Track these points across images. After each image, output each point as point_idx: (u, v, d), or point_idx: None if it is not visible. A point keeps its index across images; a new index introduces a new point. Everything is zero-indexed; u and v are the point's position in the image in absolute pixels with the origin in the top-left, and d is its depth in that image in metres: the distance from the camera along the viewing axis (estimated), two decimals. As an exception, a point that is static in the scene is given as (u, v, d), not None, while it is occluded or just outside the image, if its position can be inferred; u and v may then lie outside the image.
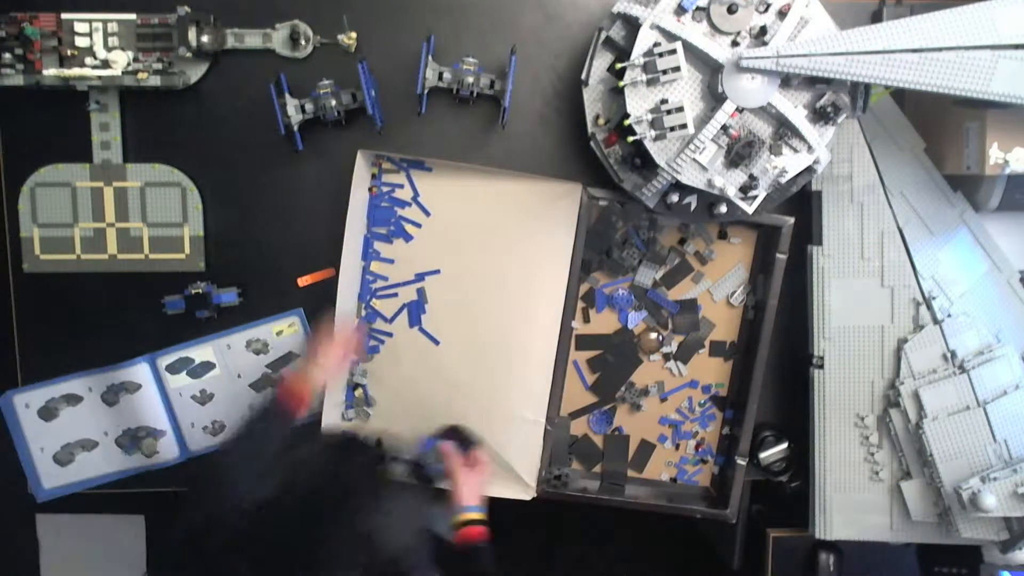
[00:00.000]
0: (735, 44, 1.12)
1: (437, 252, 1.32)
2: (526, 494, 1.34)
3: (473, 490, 1.14)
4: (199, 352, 1.35)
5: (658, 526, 2.12)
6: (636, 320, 1.37)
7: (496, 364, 1.32)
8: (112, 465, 1.38)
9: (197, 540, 0.87)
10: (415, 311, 1.32)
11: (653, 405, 1.40)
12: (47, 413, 1.36)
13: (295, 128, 1.26)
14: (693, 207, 1.22)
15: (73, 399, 1.36)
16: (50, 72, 1.24)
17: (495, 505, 1.37)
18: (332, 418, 1.34)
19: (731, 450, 1.37)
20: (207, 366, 1.35)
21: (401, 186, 1.32)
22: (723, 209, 1.20)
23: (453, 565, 1.09)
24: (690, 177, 1.14)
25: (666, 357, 1.38)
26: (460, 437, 1.22)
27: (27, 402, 1.35)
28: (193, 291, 1.31)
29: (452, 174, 1.30)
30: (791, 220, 1.28)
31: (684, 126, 1.10)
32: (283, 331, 1.36)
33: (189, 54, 1.25)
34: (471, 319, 1.32)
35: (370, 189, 1.32)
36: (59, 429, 1.36)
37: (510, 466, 1.33)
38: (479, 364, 1.32)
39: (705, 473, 1.42)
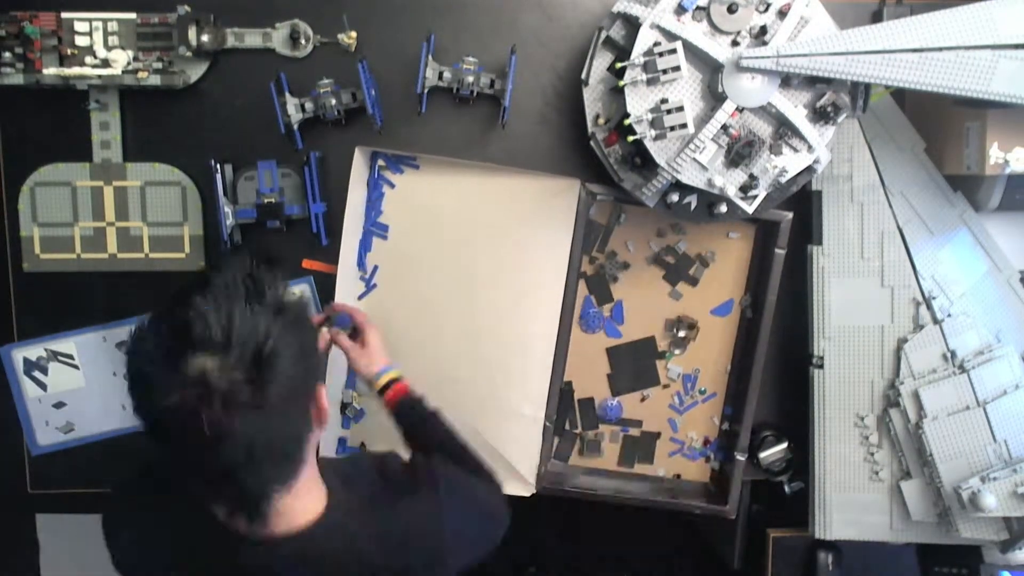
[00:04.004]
0: (735, 44, 1.12)
1: (434, 248, 1.32)
2: (525, 490, 1.34)
3: (375, 356, 1.18)
4: None
5: (658, 525, 2.12)
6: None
7: (495, 360, 1.32)
8: (111, 423, 1.38)
9: None
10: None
11: (658, 396, 1.41)
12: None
13: (295, 127, 1.26)
14: (693, 207, 1.22)
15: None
16: (50, 71, 1.24)
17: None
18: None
19: (730, 446, 1.37)
20: None
21: (393, 186, 1.32)
22: (723, 209, 1.20)
23: (411, 432, 1.12)
24: (690, 177, 1.14)
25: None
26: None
27: (25, 356, 1.35)
28: (265, 200, 1.28)
29: (449, 170, 1.30)
30: (789, 215, 1.28)
31: (684, 126, 1.10)
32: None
33: (189, 53, 1.25)
34: (469, 315, 1.32)
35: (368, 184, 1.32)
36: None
37: (508, 462, 1.33)
38: (477, 360, 1.32)
39: (704, 469, 1.42)
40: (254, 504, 0.79)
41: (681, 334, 1.37)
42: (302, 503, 0.84)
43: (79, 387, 1.36)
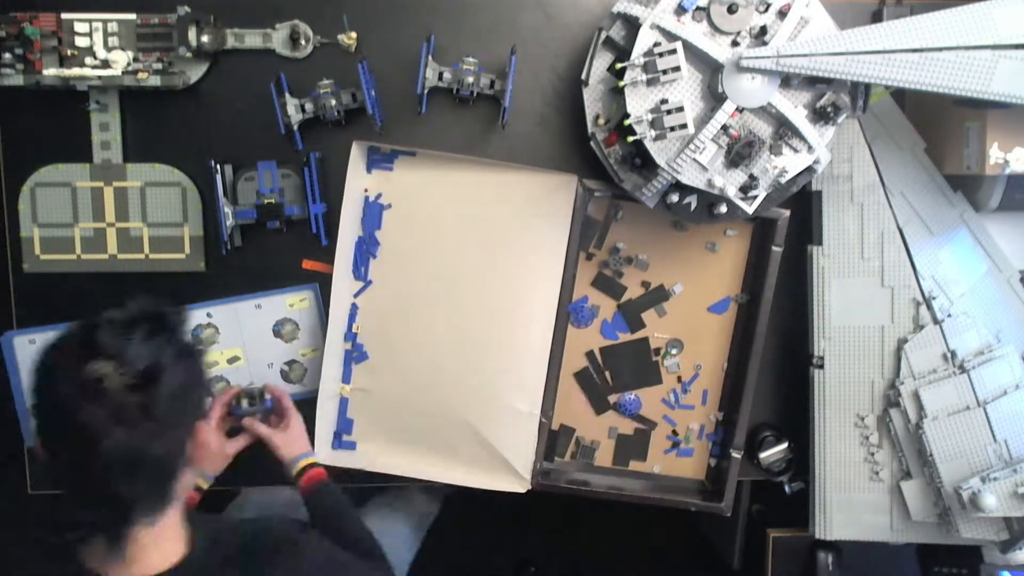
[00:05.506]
0: (735, 44, 1.12)
1: (430, 243, 1.32)
2: (520, 487, 1.34)
3: (296, 441, 1.24)
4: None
5: (658, 525, 2.13)
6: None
7: (491, 356, 1.32)
8: None
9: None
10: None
11: (651, 395, 1.41)
12: None
13: (295, 128, 1.26)
14: (693, 207, 1.22)
15: None
16: (50, 72, 1.24)
17: (491, 501, 1.38)
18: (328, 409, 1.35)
19: (726, 443, 1.37)
20: (214, 328, 1.36)
21: (391, 169, 1.32)
22: (723, 209, 1.20)
23: (318, 514, 1.18)
24: (690, 177, 1.14)
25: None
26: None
27: (25, 343, 1.35)
28: (265, 200, 1.29)
29: (446, 165, 1.30)
30: (787, 213, 1.28)
31: (684, 126, 1.10)
32: (295, 303, 1.36)
33: (189, 54, 1.25)
34: (465, 310, 1.32)
35: (365, 192, 1.32)
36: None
37: (503, 458, 1.33)
38: (473, 355, 1.32)
39: (700, 467, 1.42)
40: (121, 519, 0.85)
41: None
42: (162, 546, 0.90)
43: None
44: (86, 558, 0.88)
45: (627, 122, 1.12)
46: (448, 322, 1.33)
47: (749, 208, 1.17)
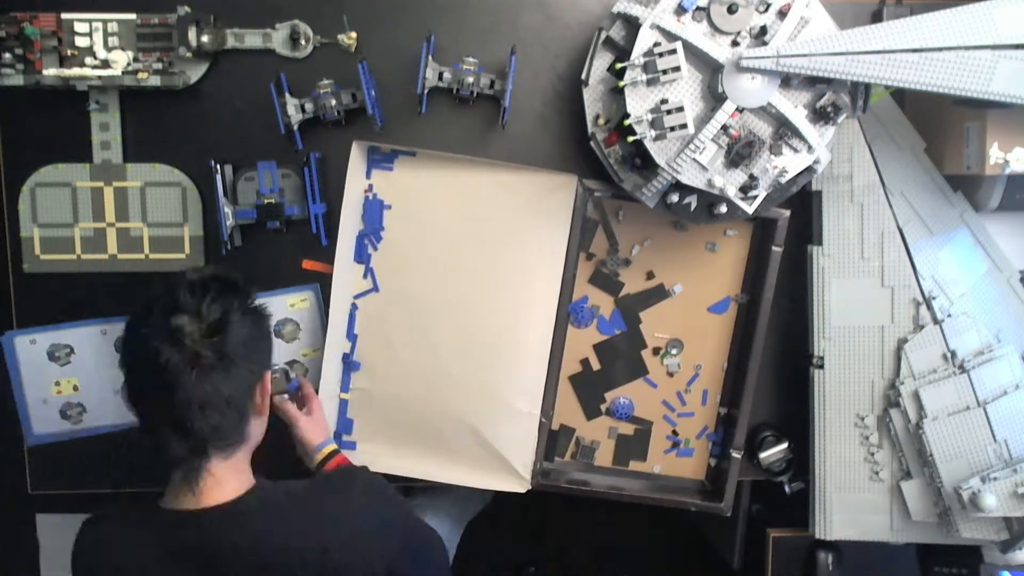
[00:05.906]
0: (735, 44, 1.12)
1: (430, 243, 1.32)
2: (520, 487, 1.34)
3: (320, 426, 1.27)
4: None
5: (658, 525, 2.13)
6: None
7: (490, 356, 1.32)
8: (108, 418, 1.38)
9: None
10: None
11: (654, 393, 1.41)
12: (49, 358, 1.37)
13: (295, 128, 1.26)
14: (693, 207, 1.22)
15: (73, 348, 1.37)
16: (50, 72, 1.24)
17: (491, 501, 1.38)
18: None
19: (726, 443, 1.37)
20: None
21: (391, 169, 1.32)
22: (723, 209, 1.20)
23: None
24: (690, 177, 1.14)
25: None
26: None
27: (26, 343, 1.35)
28: (265, 200, 1.29)
29: (445, 165, 1.30)
30: (787, 213, 1.28)
31: (684, 126, 1.10)
32: (295, 303, 1.36)
33: (189, 54, 1.25)
34: (465, 311, 1.32)
35: (365, 192, 1.32)
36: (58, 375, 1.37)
37: (504, 458, 1.33)
38: (473, 355, 1.32)
39: (700, 467, 1.43)
40: (198, 450, 0.97)
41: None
42: (234, 479, 1.01)
43: (77, 379, 1.36)
44: (165, 499, 1.02)
45: (627, 122, 1.12)
46: (448, 322, 1.33)
47: (749, 208, 1.17)
